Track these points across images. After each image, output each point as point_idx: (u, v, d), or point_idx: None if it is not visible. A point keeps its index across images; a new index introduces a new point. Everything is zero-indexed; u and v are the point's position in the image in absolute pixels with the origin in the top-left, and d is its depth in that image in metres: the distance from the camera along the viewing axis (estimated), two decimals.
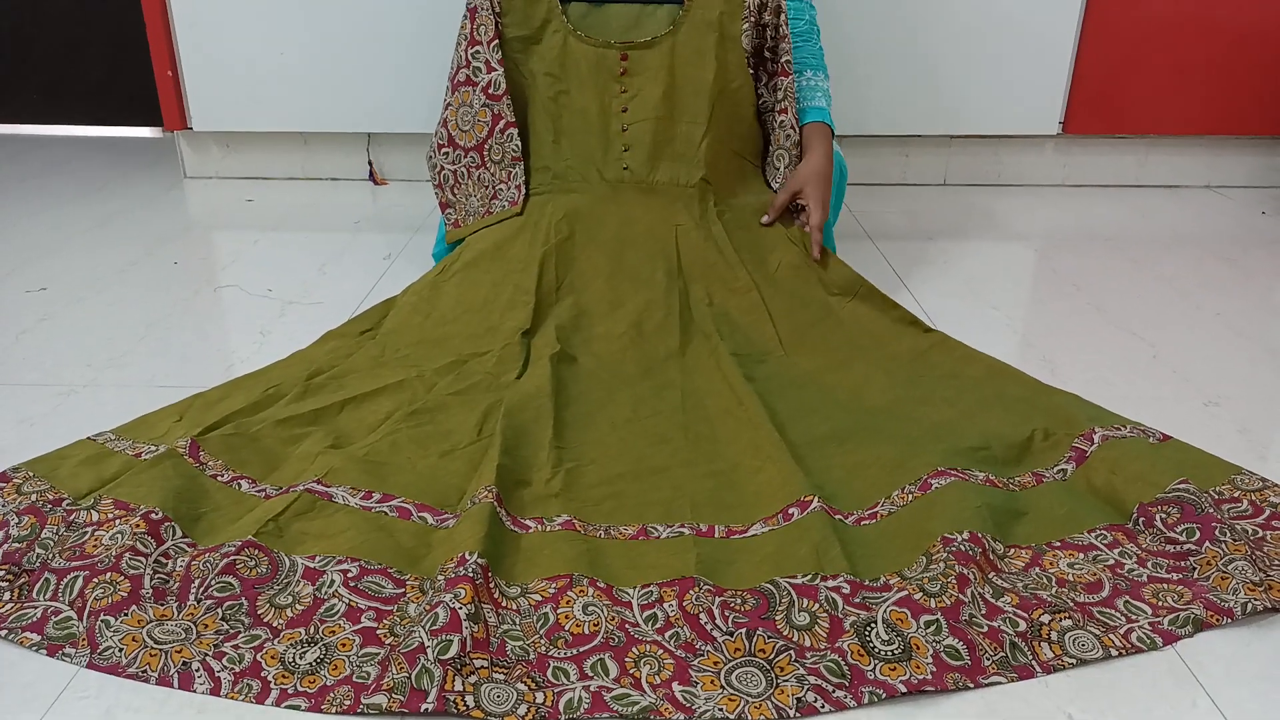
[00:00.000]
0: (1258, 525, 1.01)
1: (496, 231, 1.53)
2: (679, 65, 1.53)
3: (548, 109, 1.56)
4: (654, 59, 1.54)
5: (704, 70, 1.53)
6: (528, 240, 1.50)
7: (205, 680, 0.81)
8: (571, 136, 1.56)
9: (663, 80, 1.54)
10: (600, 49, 1.53)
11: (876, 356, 1.35)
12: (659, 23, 1.54)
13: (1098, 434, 1.13)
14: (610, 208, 1.53)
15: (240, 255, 1.85)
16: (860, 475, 1.08)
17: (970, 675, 0.81)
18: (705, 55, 1.53)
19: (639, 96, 1.55)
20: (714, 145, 1.55)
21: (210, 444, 1.10)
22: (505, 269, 1.47)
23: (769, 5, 1.52)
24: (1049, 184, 2.33)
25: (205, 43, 2.17)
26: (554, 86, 1.55)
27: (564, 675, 0.82)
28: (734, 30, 1.52)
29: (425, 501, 1.03)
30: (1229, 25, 2.14)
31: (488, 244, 1.52)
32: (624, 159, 1.57)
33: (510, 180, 1.56)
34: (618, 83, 1.55)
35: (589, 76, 1.55)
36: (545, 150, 1.57)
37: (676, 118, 1.55)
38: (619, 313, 1.41)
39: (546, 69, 1.55)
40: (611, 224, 1.51)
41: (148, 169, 2.43)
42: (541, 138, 1.57)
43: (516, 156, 1.56)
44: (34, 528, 0.96)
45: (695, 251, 1.49)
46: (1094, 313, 1.59)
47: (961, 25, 2.13)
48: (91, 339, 1.47)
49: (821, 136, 1.57)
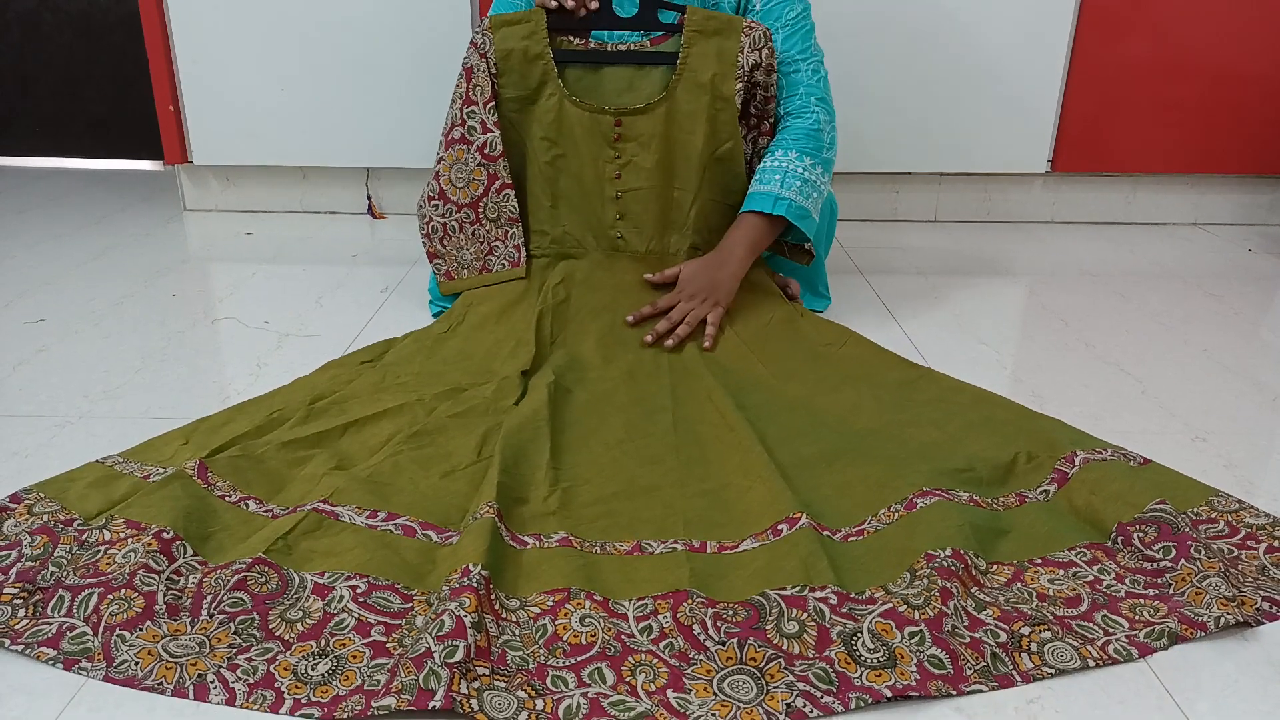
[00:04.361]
0: (1233, 545, 1.04)
1: (501, 295, 1.57)
2: (671, 132, 1.57)
3: (544, 173, 1.59)
4: (647, 125, 1.57)
5: (695, 136, 1.56)
6: (531, 304, 1.54)
7: (220, 691, 0.84)
8: (569, 201, 1.61)
9: (656, 148, 1.57)
10: (594, 114, 1.56)
11: (866, 385, 1.39)
12: (653, 85, 1.57)
13: (1079, 456, 1.16)
14: (604, 275, 1.59)
15: (238, 287, 1.87)
16: (848, 494, 1.11)
17: (953, 683, 0.84)
18: (697, 119, 1.55)
19: (632, 164, 1.58)
20: (704, 209, 1.60)
21: (217, 465, 1.12)
22: (508, 329, 1.51)
23: (762, 65, 1.54)
24: (1037, 221, 2.38)
25: (207, 77, 2.22)
26: (550, 151, 1.58)
27: (563, 683, 0.85)
28: (727, 90, 1.54)
29: (429, 520, 1.05)
30: (1212, 67, 2.20)
31: (494, 308, 1.55)
32: (618, 227, 1.61)
33: (507, 240, 1.60)
34: (612, 149, 1.58)
35: (584, 142, 1.58)
36: (543, 214, 1.61)
37: (668, 185, 1.59)
38: (611, 365, 1.44)
39: (543, 133, 1.58)
40: (606, 291, 1.57)
41: (148, 202, 2.47)
42: (539, 201, 1.61)
43: (513, 217, 1.59)
44: (47, 546, 0.98)
45: None
46: (1082, 348, 1.61)
47: (952, 66, 2.19)
48: (88, 371, 1.48)
49: (744, 229, 1.54)
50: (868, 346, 1.50)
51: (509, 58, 1.55)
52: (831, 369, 1.43)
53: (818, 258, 1.70)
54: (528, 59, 1.55)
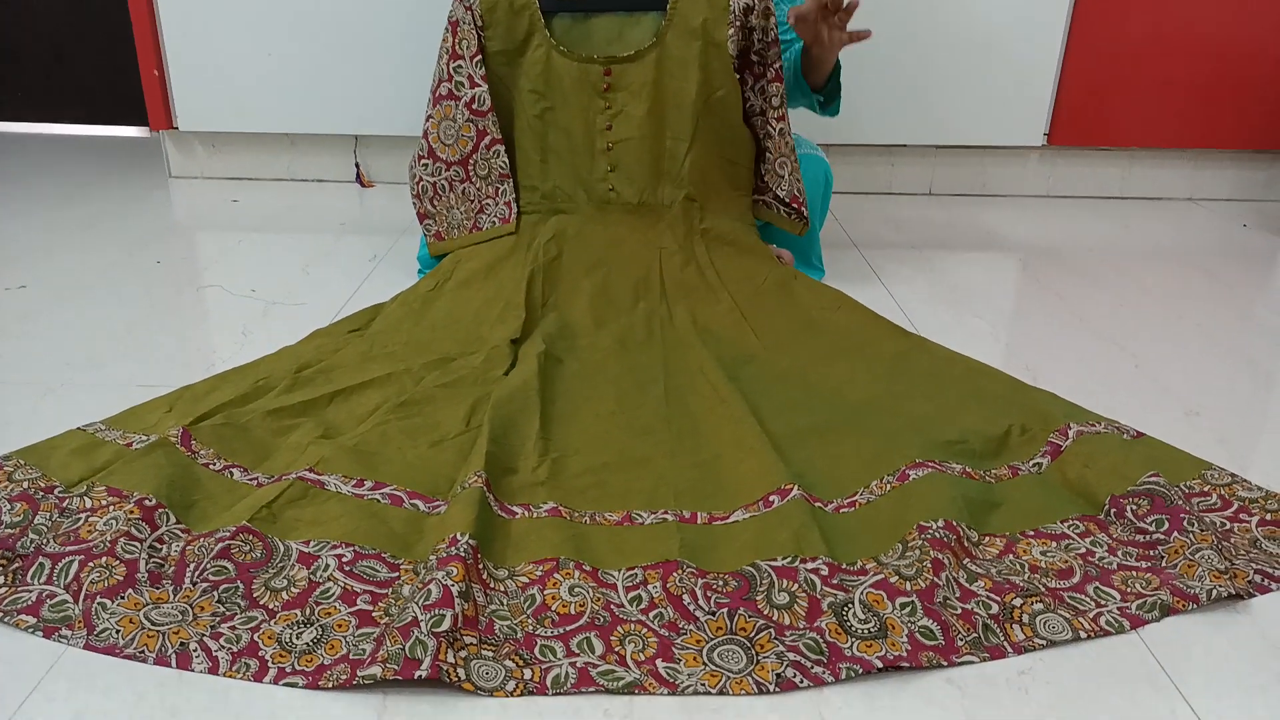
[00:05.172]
0: (1225, 518, 1.04)
1: (489, 251, 1.54)
2: (663, 79, 1.53)
3: (533, 127, 1.56)
4: (637, 74, 1.53)
5: (687, 83, 1.52)
6: (520, 261, 1.51)
7: (203, 660, 0.83)
8: (558, 155, 1.57)
9: (646, 97, 1.53)
10: (583, 64, 1.53)
11: (859, 356, 1.38)
12: (643, 33, 1.53)
13: (1072, 429, 1.16)
14: (597, 229, 1.55)
15: (224, 256, 1.85)
16: (840, 466, 1.10)
17: (944, 654, 0.84)
18: (689, 66, 1.51)
19: (623, 114, 1.55)
20: (699, 159, 1.56)
21: (201, 433, 1.11)
22: (497, 288, 1.49)
23: (756, 8, 1.50)
24: (1033, 195, 2.38)
25: (192, 42, 2.18)
26: (539, 104, 1.55)
27: (551, 653, 0.84)
28: (719, 36, 1.51)
29: (416, 489, 1.04)
30: (1210, 42, 2.19)
31: (481, 264, 1.53)
32: (609, 179, 1.58)
33: (498, 196, 1.57)
34: (602, 99, 1.54)
35: (573, 93, 1.54)
36: (533, 170, 1.58)
37: (661, 135, 1.55)
38: (602, 330, 1.43)
39: (531, 85, 1.55)
40: (598, 247, 1.54)
41: (133, 169, 2.44)
42: (529, 156, 1.57)
43: (504, 173, 1.56)
44: (27, 513, 0.97)
45: (678, 275, 1.52)
46: (1077, 323, 1.61)
47: (948, 37, 2.18)
48: (71, 338, 1.46)
49: None
50: (862, 313, 1.49)
51: (494, 10, 1.52)
52: (825, 339, 1.42)
53: (812, 228, 1.68)
54: (514, 10, 1.52)
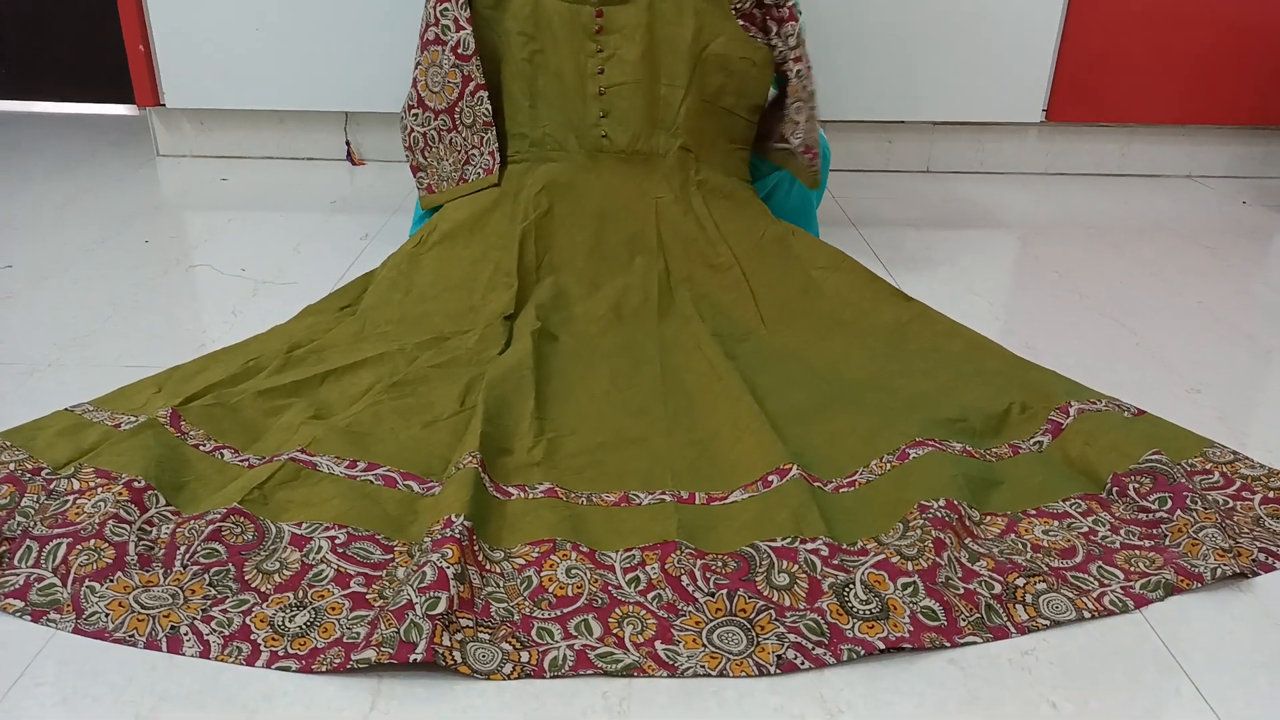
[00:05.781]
0: (1228, 496, 1.03)
1: (473, 202, 1.50)
2: (657, 23, 1.47)
3: (522, 71, 1.50)
4: (630, 15, 1.47)
5: (682, 28, 1.47)
6: (507, 213, 1.47)
7: (194, 644, 0.81)
8: (548, 100, 1.51)
9: (640, 40, 1.48)
10: (574, 5, 1.47)
11: (857, 330, 1.36)
12: None
13: (1073, 407, 1.14)
14: (589, 178, 1.50)
15: (213, 234, 1.83)
16: (839, 445, 1.09)
17: (947, 635, 0.83)
18: (684, 10, 1.46)
19: (615, 57, 1.49)
20: (695, 108, 1.50)
21: (191, 414, 1.09)
22: (485, 244, 1.45)
23: None
24: (1032, 172, 2.36)
25: (178, 16, 2.14)
26: (528, 46, 1.49)
27: (548, 635, 0.83)
28: None
29: (410, 470, 1.03)
30: (1211, 16, 2.17)
31: (465, 215, 1.48)
32: (602, 125, 1.52)
33: (483, 146, 1.51)
34: (593, 41, 1.49)
35: (563, 35, 1.48)
36: (521, 116, 1.52)
37: (655, 81, 1.50)
38: (598, 295, 1.40)
39: (519, 28, 1.49)
40: (591, 197, 1.49)
41: (119, 146, 2.41)
42: (517, 102, 1.52)
43: (488, 121, 1.50)
44: (13, 496, 0.95)
45: (675, 227, 1.48)
46: (1076, 299, 1.60)
47: (946, 12, 2.15)
48: (57, 318, 1.44)
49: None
50: (861, 273, 1.46)
51: None
52: (823, 308, 1.40)
53: (810, 205, 1.66)
54: None
